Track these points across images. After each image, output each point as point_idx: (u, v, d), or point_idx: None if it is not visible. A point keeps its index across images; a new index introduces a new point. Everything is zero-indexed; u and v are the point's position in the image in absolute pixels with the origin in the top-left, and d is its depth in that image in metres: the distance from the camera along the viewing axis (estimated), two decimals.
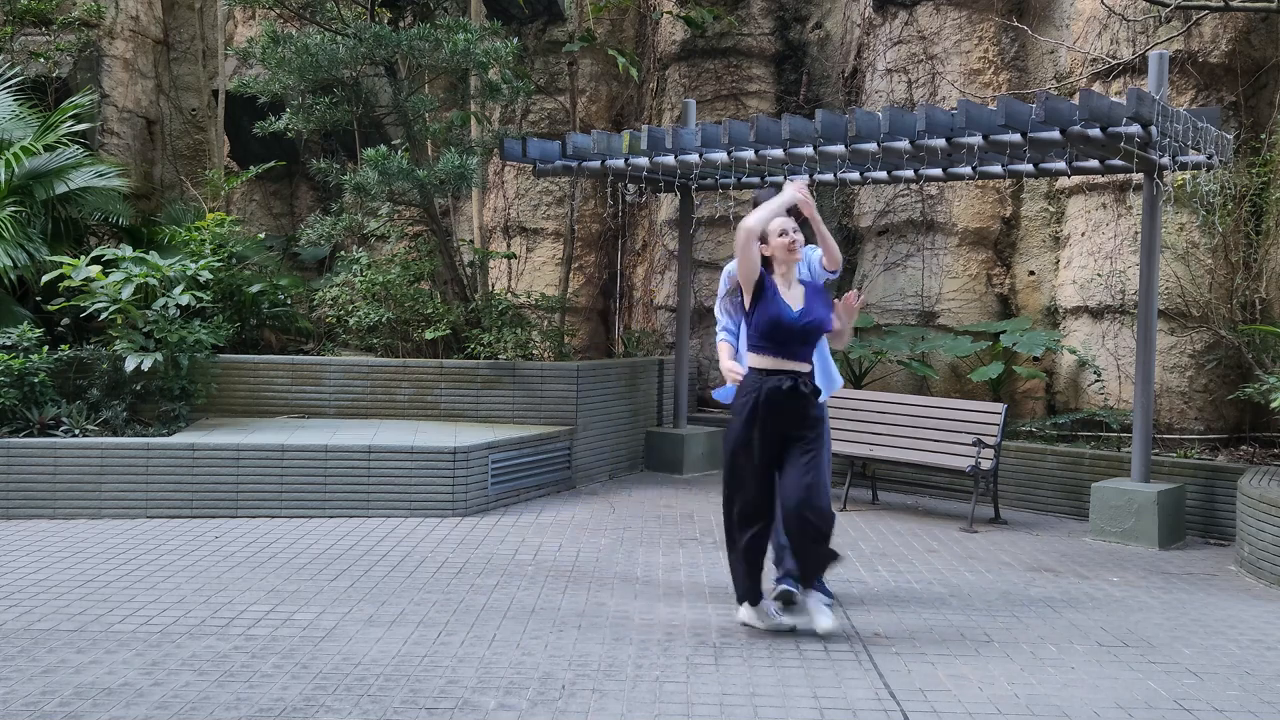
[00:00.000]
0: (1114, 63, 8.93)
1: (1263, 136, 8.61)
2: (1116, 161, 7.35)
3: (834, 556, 5.05)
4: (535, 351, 9.45)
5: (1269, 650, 5.03)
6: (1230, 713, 4.22)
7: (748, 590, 5.12)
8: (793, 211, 5.17)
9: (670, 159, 8.17)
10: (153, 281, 8.25)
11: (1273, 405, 7.12)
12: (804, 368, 4.99)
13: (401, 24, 10.19)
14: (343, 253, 10.92)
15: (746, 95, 11.08)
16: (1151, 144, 6.69)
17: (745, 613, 5.14)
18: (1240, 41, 8.60)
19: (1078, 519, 8.04)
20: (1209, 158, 7.26)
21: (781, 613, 5.18)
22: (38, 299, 8.76)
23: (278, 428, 8.21)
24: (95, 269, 8.08)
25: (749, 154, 7.76)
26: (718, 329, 5.65)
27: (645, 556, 6.55)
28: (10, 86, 9.91)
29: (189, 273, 8.46)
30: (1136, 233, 8.65)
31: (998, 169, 8.13)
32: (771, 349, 4.96)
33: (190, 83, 13.48)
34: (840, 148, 7.29)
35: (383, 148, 8.98)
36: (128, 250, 8.53)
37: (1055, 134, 6.52)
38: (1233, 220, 8.58)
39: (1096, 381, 8.91)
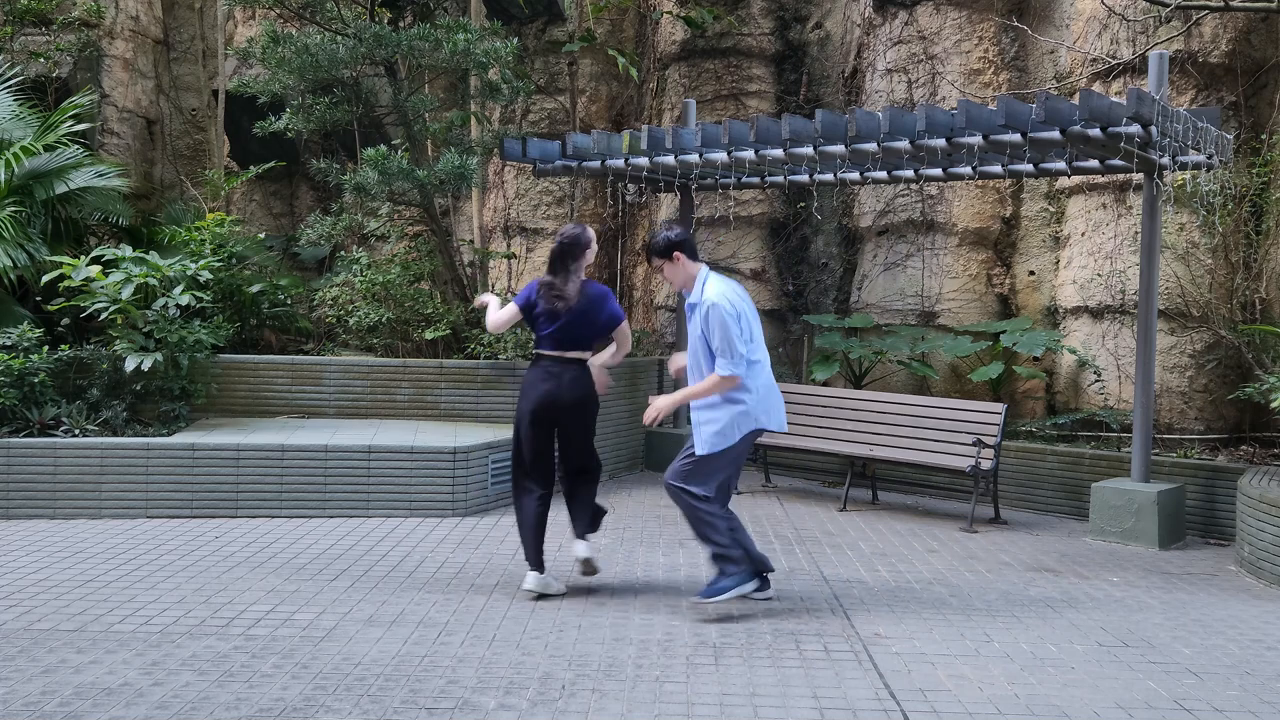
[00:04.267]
0: (1114, 63, 8.93)
1: (1263, 136, 8.61)
2: (1116, 161, 7.35)
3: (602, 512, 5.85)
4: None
5: (1269, 650, 5.03)
6: (1230, 713, 4.22)
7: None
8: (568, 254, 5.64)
9: (670, 159, 8.17)
10: (153, 281, 8.25)
11: (1273, 405, 7.12)
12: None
13: (401, 24, 10.18)
14: (343, 253, 10.92)
15: (746, 95, 11.08)
16: (1151, 144, 6.69)
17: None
18: (1240, 41, 8.60)
19: (1078, 519, 8.04)
20: (1209, 158, 7.26)
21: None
22: (38, 299, 8.75)
23: (278, 428, 8.21)
24: (95, 269, 8.08)
25: (749, 154, 7.76)
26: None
27: (645, 556, 6.55)
28: (10, 86, 9.91)
29: (189, 273, 8.46)
30: (1136, 233, 8.65)
31: (998, 169, 8.12)
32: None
33: (190, 83, 13.48)
34: (840, 148, 7.29)
35: (383, 148, 8.98)
36: (128, 250, 8.53)
37: (1055, 134, 6.52)
38: (1233, 220, 8.58)
39: (1096, 381, 8.91)
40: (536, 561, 5.60)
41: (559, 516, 5.98)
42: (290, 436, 7.75)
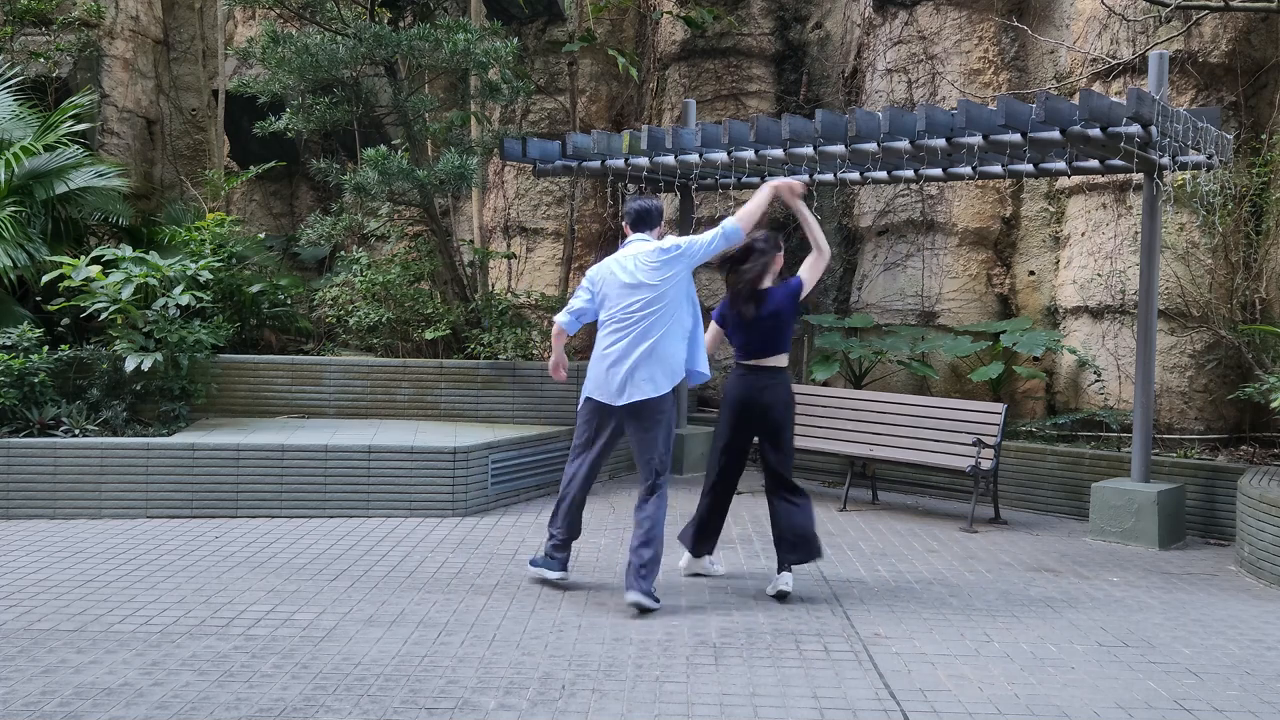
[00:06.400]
0: (1114, 63, 8.93)
1: (1263, 136, 8.61)
2: (1116, 161, 7.35)
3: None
4: (535, 351, 9.45)
5: (1269, 650, 5.03)
6: (1230, 713, 4.22)
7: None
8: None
9: (670, 159, 8.17)
10: (153, 281, 8.25)
11: (1273, 405, 7.12)
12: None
13: (401, 24, 10.19)
14: (343, 253, 10.92)
15: (746, 95, 11.08)
16: (1151, 144, 6.69)
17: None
18: (1240, 41, 8.60)
19: (1078, 519, 8.04)
20: (1209, 158, 7.26)
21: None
22: (38, 299, 8.76)
23: (278, 428, 8.21)
24: (95, 269, 8.08)
25: (749, 154, 7.76)
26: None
27: None
28: (10, 86, 9.91)
29: (189, 273, 8.46)
30: (1136, 233, 8.65)
31: (998, 169, 8.12)
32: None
33: (190, 83, 13.47)
34: (840, 148, 7.29)
35: (383, 148, 8.98)
36: (128, 250, 8.53)
37: (1055, 134, 6.52)
38: (1233, 220, 8.58)
39: (1096, 381, 8.91)
40: (690, 546, 6.09)
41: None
42: (290, 436, 7.75)
